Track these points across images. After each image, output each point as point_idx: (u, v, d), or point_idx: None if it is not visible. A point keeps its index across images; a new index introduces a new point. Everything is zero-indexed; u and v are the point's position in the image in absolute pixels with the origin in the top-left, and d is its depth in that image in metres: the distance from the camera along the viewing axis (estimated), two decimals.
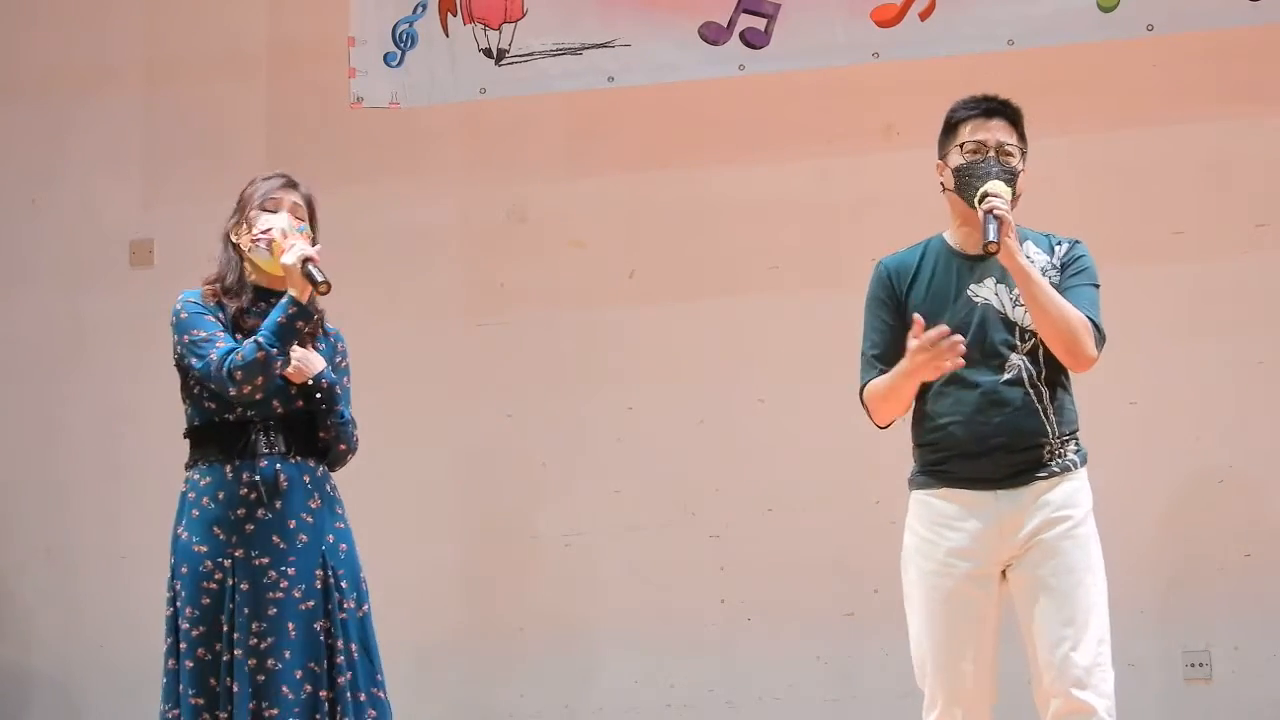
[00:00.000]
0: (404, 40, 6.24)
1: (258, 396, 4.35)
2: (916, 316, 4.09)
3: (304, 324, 4.36)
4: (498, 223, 6.65)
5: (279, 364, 4.33)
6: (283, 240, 4.41)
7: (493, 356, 6.57)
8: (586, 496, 6.48)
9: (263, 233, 4.44)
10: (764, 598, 6.32)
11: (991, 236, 4.06)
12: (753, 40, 5.99)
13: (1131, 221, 6.08)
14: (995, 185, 4.16)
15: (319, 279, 4.32)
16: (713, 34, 6.02)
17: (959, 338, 4.04)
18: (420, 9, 6.23)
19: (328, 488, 4.51)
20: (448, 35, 6.21)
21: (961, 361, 4.06)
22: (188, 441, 4.53)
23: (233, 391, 4.33)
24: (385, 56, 6.25)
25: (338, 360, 4.61)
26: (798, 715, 6.30)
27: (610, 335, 6.51)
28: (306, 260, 4.34)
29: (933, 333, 4.04)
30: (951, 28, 5.83)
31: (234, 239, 4.51)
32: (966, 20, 5.82)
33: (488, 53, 6.18)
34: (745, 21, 5.99)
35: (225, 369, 4.31)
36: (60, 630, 6.84)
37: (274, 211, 4.48)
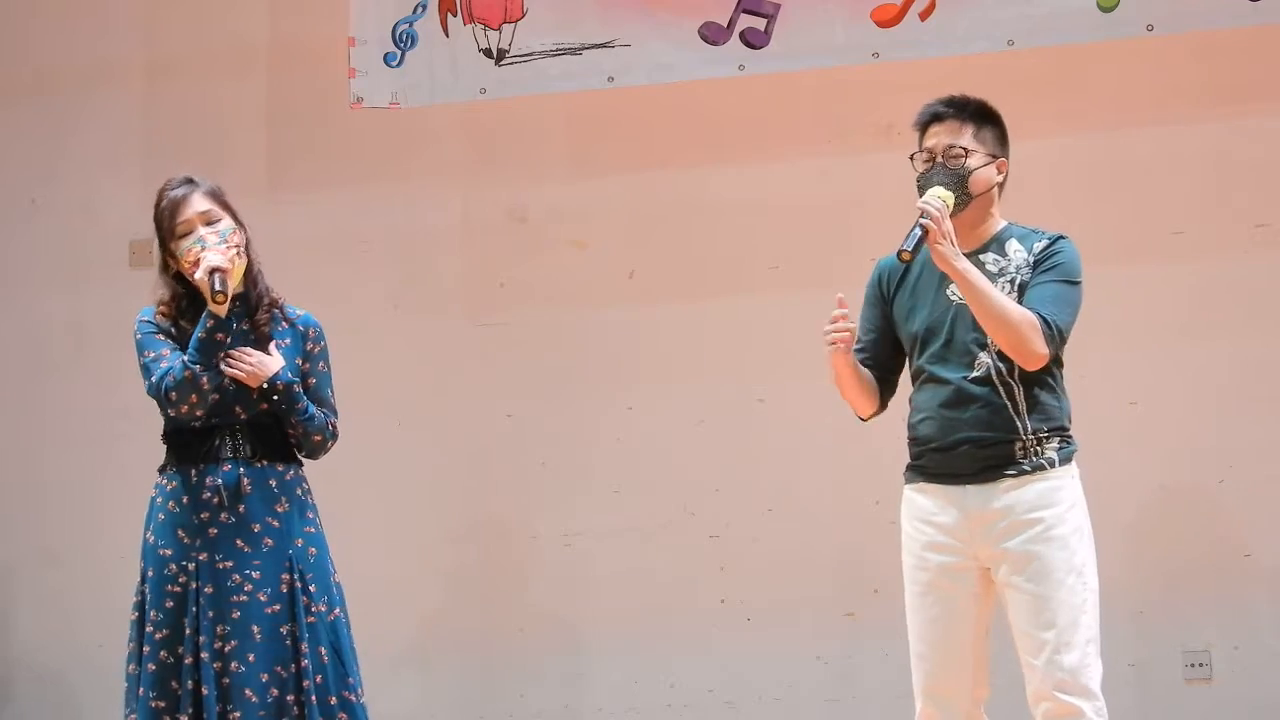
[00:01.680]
0: (404, 40, 6.24)
1: (198, 413, 4.40)
2: (839, 295, 4.22)
3: (224, 335, 4.37)
4: (498, 223, 6.65)
5: (205, 379, 4.35)
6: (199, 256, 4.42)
7: (493, 356, 6.57)
8: (586, 496, 6.48)
9: (193, 264, 4.42)
10: (764, 598, 6.32)
11: (905, 245, 4.10)
12: (753, 40, 5.99)
13: (1131, 221, 6.07)
14: (933, 192, 4.17)
15: (215, 289, 4.33)
16: (713, 34, 6.02)
17: (845, 326, 4.17)
18: (420, 9, 6.23)
19: (298, 491, 4.51)
20: (448, 35, 6.21)
21: (837, 344, 4.19)
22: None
23: (171, 411, 4.40)
24: (385, 56, 6.25)
25: (308, 347, 4.59)
26: (798, 715, 6.30)
27: (610, 335, 6.50)
28: (214, 271, 4.34)
29: (835, 312, 4.19)
30: (951, 28, 5.83)
31: (173, 269, 4.51)
32: (966, 20, 5.82)
33: (488, 53, 6.18)
34: (745, 21, 5.99)
35: (162, 390, 4.38)
36: (60, 630, 6.84)
37: (188, 234, 4.46)
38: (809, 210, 6.36)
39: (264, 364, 4.44)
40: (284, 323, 4.57)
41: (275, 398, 4.45)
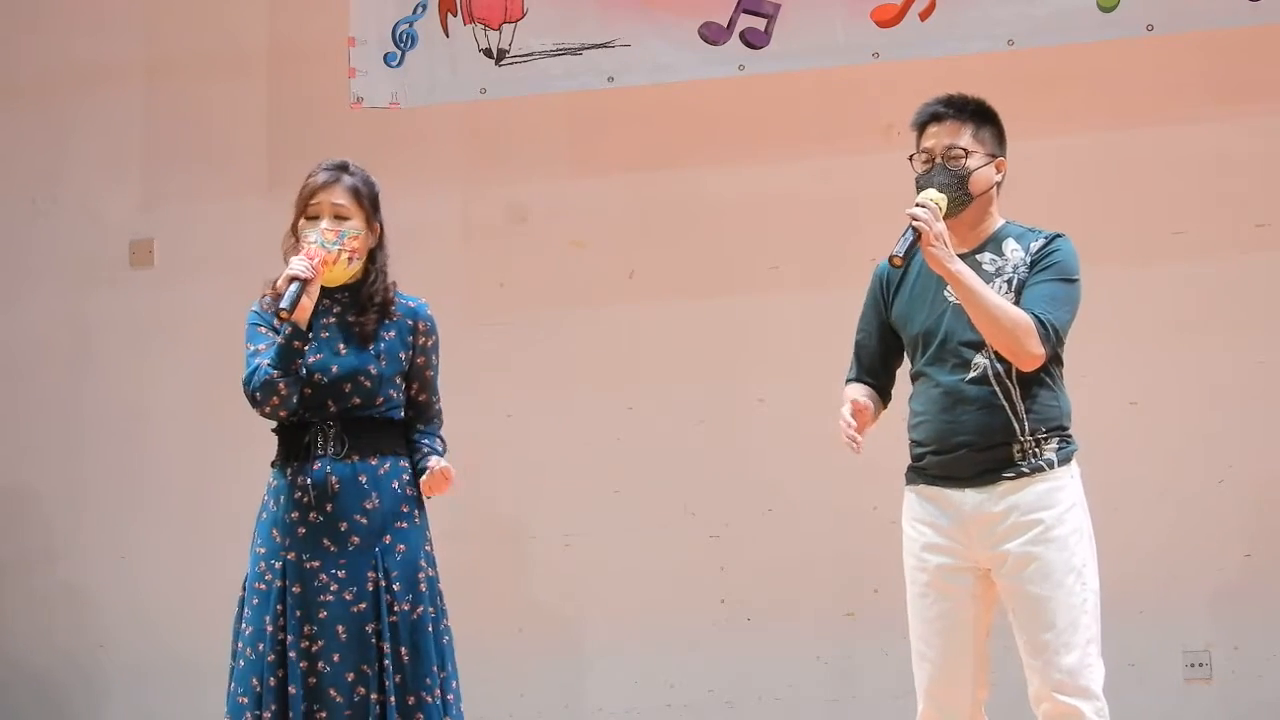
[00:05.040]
0: (404, 40, 6.24)
1: (282, 413, 4.39)
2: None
3: (301, 344, 4.35)
4: (498, 223, 6.65)
5: (283, 384, 4.34)
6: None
7: (493, 356, 6.57)
8: (586, 496, 6.48)
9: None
10: (764, 598, 6.32)
11: (896, 250, 4.09)
12: (753, 40, 5.99)
13: (1131, 221, 6.08)
14: (925, 194, 4.17)
15: (281, 304, 4.30)
16: (713, 34, 6.02)
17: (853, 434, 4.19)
18: (420, 9, 6.23)
19: (394, 485, 4.48)
20: (448, 35, 6.21)
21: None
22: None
23: (256, 410, 4.40)
24: (385, 56, 6.25)
25: (420, 340, 4.59)
26: (798, 715, 6.30)
27: (610, 335, 6.51)
28: (293, 280, 4.32)
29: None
30: (951, 28, 5.83)
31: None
32: (966, 20, 5.82)
33: (488, 53, 6.18)
34: (745, 21, 5.99)
35: (249, 388, 4.38)
36: (60, 631, 6.84)
37: (315, 219, 4.46)
38: (809, 210, 6.36)
39: (443, 485, 4.49)
40: (391, 316, 4.56)
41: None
